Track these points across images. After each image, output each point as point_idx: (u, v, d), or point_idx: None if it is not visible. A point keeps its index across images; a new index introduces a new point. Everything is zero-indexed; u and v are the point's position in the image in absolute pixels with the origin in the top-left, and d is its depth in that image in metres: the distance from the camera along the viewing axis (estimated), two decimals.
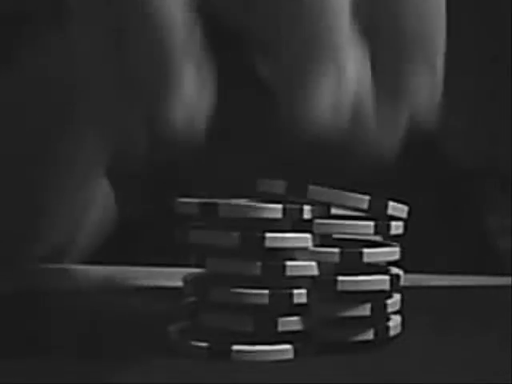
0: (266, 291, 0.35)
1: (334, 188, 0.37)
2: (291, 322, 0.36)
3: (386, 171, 0.95)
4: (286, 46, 0.38)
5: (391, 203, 0.37)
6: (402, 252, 0.39)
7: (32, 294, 0.50)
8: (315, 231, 0.36)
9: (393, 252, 0.38)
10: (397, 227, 0.38)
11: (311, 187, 0.36)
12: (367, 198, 0.37)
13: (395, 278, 0.37)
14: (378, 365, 0.35)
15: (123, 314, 0.45)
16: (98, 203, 0.82)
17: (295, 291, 0.36)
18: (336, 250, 0.36)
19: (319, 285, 0.36)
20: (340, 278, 0.36)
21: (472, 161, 1.10)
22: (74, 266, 0.65)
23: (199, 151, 0.88)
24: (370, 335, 0.37)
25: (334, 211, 0.37)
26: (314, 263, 0.36)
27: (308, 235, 0.36)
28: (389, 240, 0.40)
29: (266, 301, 0.35)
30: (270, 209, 0.35)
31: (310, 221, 0.36)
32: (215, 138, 0.90)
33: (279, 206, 0.35)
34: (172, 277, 0.60)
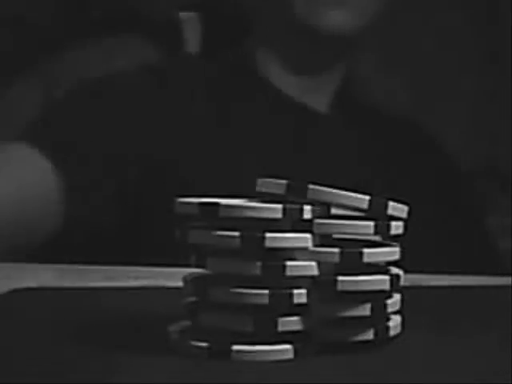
0: (266, 291, 0.35)
1: (334, 188, 0.37)
2: (291, 322, 0.36)
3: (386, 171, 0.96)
4: None
5: (391, 203, 0.37)
6: (402, 252, 0.39)
7: (28, 290, 0.50)
8: (315, 231, 0.36)
9: (393, 252, 0.38)
10: (397, 227, 0.38)
11: (311, 187, 0.36)
12: (367, 198, 0.37)
13: (395, 278, 0.37)
14: (378, 365, 0.35)
15: (123, 314, 0.45)
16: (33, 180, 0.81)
17: (295, 291, 0.36)
18: (336, 249, 0.36)
19: (319, 285, 0.36)
20: (340, 277, 0.36)
21: (472, 161, 1.10)
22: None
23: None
24: (370, 335, 0.37)
25: (334, 211, 0.37)
26: (313, 263, 0.36)
27: (308, 235, 0.36)
28: (389, 240, 0.40)
29: (265, 301, 0.35)
30: (270, 209, 0.35)
31: (310, 221, 0.36)
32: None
33: (279, 206, 0.35)
34: (172, 277, 0.60)
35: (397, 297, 0.39)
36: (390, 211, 0.37)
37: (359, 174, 0.93)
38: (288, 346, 0.36)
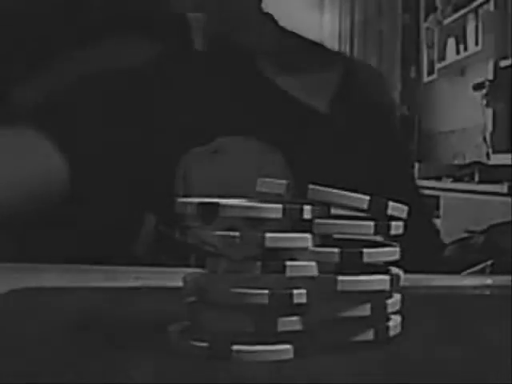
0: (266, 291, 0.35)
1: (334, 188, 0.37)
2: (291, 322, 0.36)
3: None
4: None
5: (391, 203, 0.37)
6: (402, 252, 0.39)
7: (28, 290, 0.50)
8: (315, 231, 0.36)
9: (393, 252, 0.38)
10: (397, 227, 0.38)
11: (311, 187, 0.36)
12: (367, 198, 0.37)
13: (395, 278, 0.37)
14: (378, 365, 0.35)
15: (123, 314, 0.44)
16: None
17: (295, 291, 0.36)
18: (336, 250, 0.36)
19: (319, 285, 0.36)
20: (340, 277, 0.36)
21: None
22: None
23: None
24: (370, 335, 0.37)
25: (333, 211, 0.37)
26: (313, 263, 0.36)
27: (308, 235, 0.36)
28: (388, 240, 0.40)
29: (265, 301, 0.35)
30: (270, 209, 0.35)
31: (310, 221, 0.36)
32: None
33: (279, 206, 0.35)
34: (172, 277, 0.60)
35: (397, 297, 0.39)
36: (389, 211, 0.37)
37: (359, 173, 0.93)
38: (288, 346, 0.36)
